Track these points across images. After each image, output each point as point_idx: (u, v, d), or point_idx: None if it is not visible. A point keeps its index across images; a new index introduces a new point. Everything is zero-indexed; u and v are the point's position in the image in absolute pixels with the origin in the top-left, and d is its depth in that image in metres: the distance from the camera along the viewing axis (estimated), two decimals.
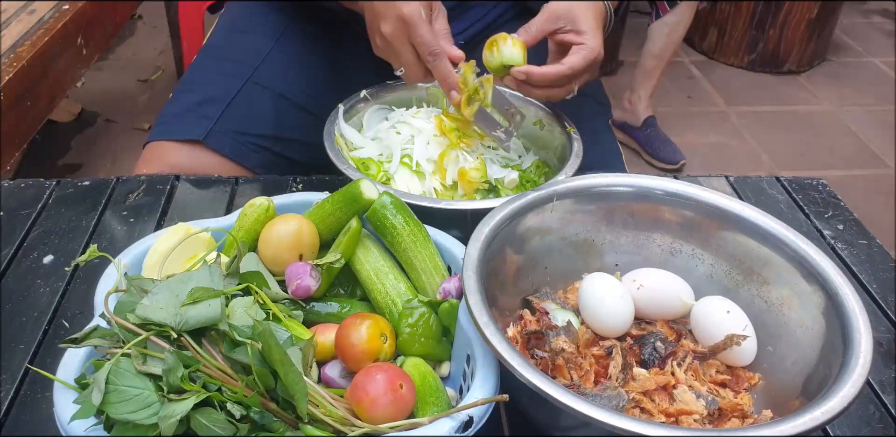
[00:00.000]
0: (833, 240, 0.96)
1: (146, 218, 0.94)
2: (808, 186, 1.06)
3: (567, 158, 0.93)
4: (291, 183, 1.01)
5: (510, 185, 0.95)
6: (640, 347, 0.72)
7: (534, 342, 0.72)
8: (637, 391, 0.68)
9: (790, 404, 0.67)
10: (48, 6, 1.67)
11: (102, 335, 0.62)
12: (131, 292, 0.63)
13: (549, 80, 0.90)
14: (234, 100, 1.09)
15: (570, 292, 0.80)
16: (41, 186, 0.99)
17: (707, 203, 0.78)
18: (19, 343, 0.77)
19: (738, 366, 0.73)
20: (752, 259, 0.76)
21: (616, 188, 0.80)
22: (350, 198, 0.77)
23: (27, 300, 0.82)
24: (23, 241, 0.90)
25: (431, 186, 0.93)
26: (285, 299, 0.74)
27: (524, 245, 0.78)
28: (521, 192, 0.81)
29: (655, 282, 0.76)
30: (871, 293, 0.89)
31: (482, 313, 0.63)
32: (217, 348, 0.61)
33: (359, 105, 1.04)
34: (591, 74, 0.94)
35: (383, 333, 0.69)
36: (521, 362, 0.59)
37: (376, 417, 0.61)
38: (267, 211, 0.79)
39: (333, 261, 0.74)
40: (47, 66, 1.56)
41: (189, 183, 1.01)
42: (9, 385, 0.73)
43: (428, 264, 0.76)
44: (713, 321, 0.73)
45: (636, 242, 0.81)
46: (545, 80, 0.90)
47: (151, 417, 0.57)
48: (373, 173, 0.95)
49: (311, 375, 0.66)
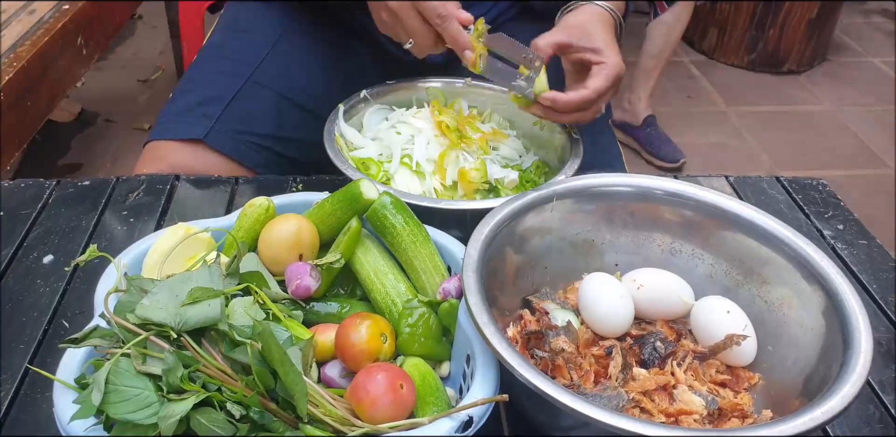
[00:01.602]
0: (833, 240, 0.96)
1: (146, 218, 0.94)
2: (808, 186, 1.06)
3: (567, 158, 0.93)
4: (291, 183, 1.01)
5: (510, 185, 0.95)
6: (640, 347, 0.72)
7: (534, 342, 0.72)
8: (637, 391, 0.68)
9: (790, 404, 0.67)
10: (48, 6, 1.67)
11: (102, 335, 0.62)
12: (131, 292, 0.63)
13: (574, 106, 0.89)
14: (233, 99, 1.09)
15: (570, 292, 0.80)
16: (41, 186, 0.99)
17: (707, 203, 0.78)
18: (19, 343, 0.77)
19: (738, 366, 0.73)
20: (752, 259, 0.76)
21: (616, 188, 0.80)
22: (350, 198, 0.77)
23: (27, 300, 0.82)
24: (23, 241, 0.90)
25: (431, 186, 0.93)
26: (285, 299, 0.74)
27: (524, 245, 0.78)
28: (521, 192, 0.81)
29: (655, 282, 0.76)
30: (871, 293, 0.89)
31: (482, 313, 0.63)
32: (217, 348, 0.61)
33: (359, 105, 1.04)
34: (615, 90, 0.92)
35: (383, 333, 0.69)
36: (521, 363, 0.59)
37: (376, 417, 0.61)
38: (267, 211, 0.79)
39: (333, 261, 0.74)
40: (47, 66, 1.56)
41: (189, 183, 1.01)
42: (9, 385, 0.73)
43: (428, 264, 0.76)
44: (713, 321, 0.73)
45: (636, 242, 0.81)
46: (571, 106, 0.89)
47: (151, 417, 0.57)
48: (373, 173, 0.95)
49: (311, 375, 0.66)
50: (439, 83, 1.07)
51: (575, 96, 0.89)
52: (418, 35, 0.90)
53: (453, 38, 0.89)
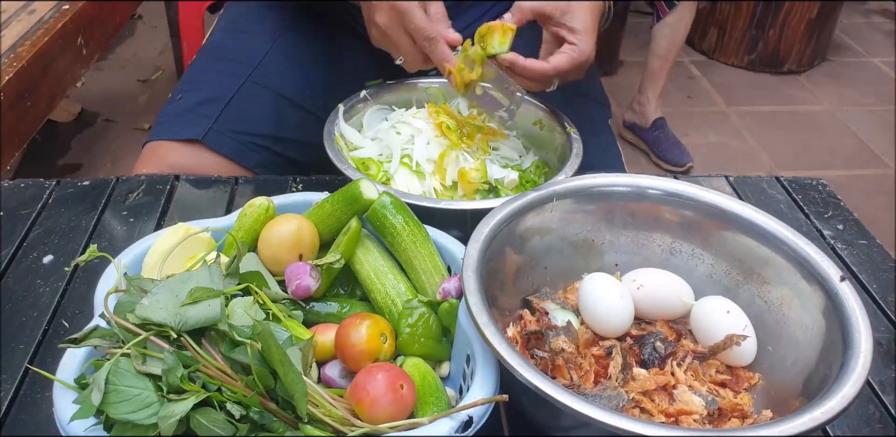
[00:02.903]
0: (833, 240, 0.96)
1: (146, 218, 0.94)
2: (808, 186, 1.06)
3: (567, 158, 0.93)
4: (291, 183, 1.01)
5: (510, 185, 0.95)
6: (640, 347, 0.72)
7: (534, 342, 0.72)
8: (637, 391, 0.68)
9: (790, 404, 0.67)
10: (48, 6, 1.67)
11: (102, 335, 0.62)
12: (131, 292, 0.63)
13: (531, 74, 0.91)
14: (233, 99, 1.09)
15: (570, 292, 0.80)
16: (41, 186, 0.99)
17: (707, 203, 0.78)
18: (19, 343, 0.77)
19: (738, 366, 0.73)
20: (752, 259, 0.76)
21: (616, 188, 0.80)
22: (350, 198, 0.77)
23: (27, 300, 0.82)
24: (23, 241, 0.90)
25: (431, 187, 0.93)
26: (285, 299, 0.74)
27: (524, 245, 0.78)
28: (521, 192, 0.81)
29: (655, 282, 0.76)
30: (871, 293, 0.89)
31: (482, 313, 0.63)
32: (217, 348, 0.61)
33: (359, 105, 1.04)
34: (576, 74, 0.93)
35: (383, 333, 0.69)
36: (521, 363, 0.59)
37: (377, 417, 0.61)
38: (267, 211, 0.79)
39: (333, 261, 0.74)
40: (47, 66, 1.56)
41: (189, 183, 1.01)
42: (9, 385, 0.73)
43: (428, 264, 0.76)
44: (713, 321, 0.73)
45: (636, 242, 0.81)
46: (527, 73, 0.91)
47: (151, 417, 0.57)
48: (373, 173, 0.95)
49: (311, 375, 0.66)
50: (439, 84, 1.07)
51: (534, 65, 0.90)
52: (408, 54, 0.92)
53: (439, 62, 0.91)
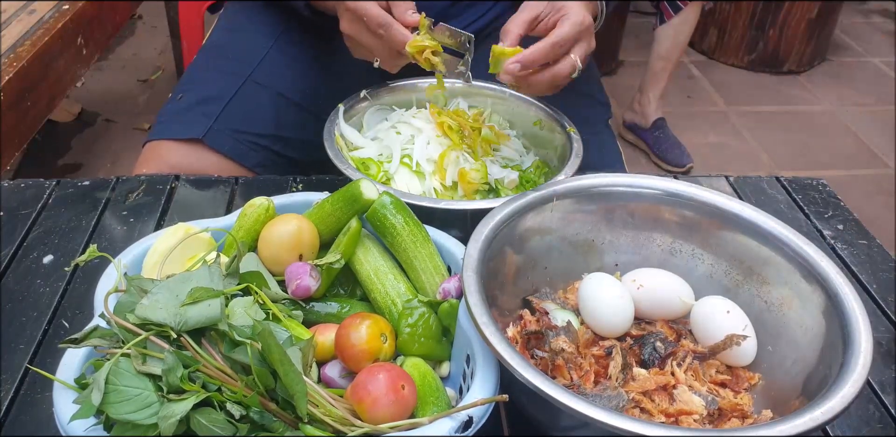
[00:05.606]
0: (833, 240, 0.96)
1: (146, 218, 0.94)
2: (808, 186, 1.06)
3: (567, 158, 0.93)
4: (291, 183, 1.01)
5: (510, 185, 0.95)
6: (640, 347, 0.72)
7: (534, 342, 0.72)
8: (637, 391, 0.68)
9: (790, 404, 0.67)
10: (48, 6, 1.67)
11: (102, 335, 0.62)
12: (131, 292, 0.63)
13: (541, 55, 0.85)
14: (233, 99, 1.09)
15: (570, 292, 0.80)
16: (41, 186, 0.99)
17: (707, 203, 0.78)
18: (19, 343, 0.77)
19: (738, 366, 0.73)
20: (752, 259, 0.76)
21: (616, 188, 0.80)
22: (350, 198, 0.77)
23: (27, 300, 0.82)
24: (23, 241, 0.90)
25: (431, 187, 0.93)
26: (285, 299, 0.74)
27: (524, 245, 0.78)
28: (521, 192, 0.81)
29: (655, 282, 0.76)
30: (871, 293, 0.89)
31: (482, 313, 0.63)
32: (217, 348, 0.61)
33: (359, 105, 1.04)
34: (587, 42, 0.88)
35: (383, 333, 0.69)
36: (521, 363, 0.59)
37: (378, 417, 0.61)
38: (267, 211, 0.79)
39: (333, 261, 0.74)
40: (47, 66, 1.56)
41: (189, 183, 1.01)
42: (9, 385, 0.73)
43: (428, 264, 0.76)
44: (713, 321, 0.73)
45: (636, 242, 0.81)
46: (538, 56, 0.85)
47: (151, 417, 0.57)
48: (373, 173, 0.95)
49: (311, 375, 0.66)
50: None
51: (538, 45, 0.85)
52: (377, 51, 0.91)
53: (398, 45, 0.88)
